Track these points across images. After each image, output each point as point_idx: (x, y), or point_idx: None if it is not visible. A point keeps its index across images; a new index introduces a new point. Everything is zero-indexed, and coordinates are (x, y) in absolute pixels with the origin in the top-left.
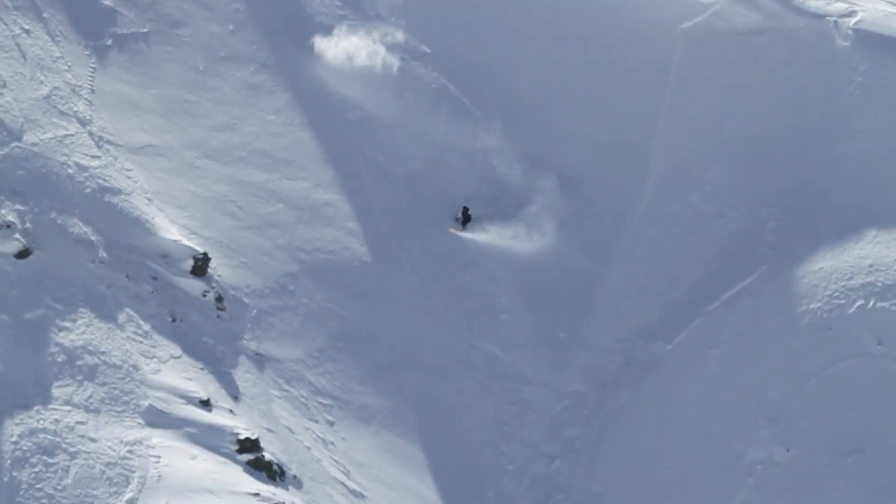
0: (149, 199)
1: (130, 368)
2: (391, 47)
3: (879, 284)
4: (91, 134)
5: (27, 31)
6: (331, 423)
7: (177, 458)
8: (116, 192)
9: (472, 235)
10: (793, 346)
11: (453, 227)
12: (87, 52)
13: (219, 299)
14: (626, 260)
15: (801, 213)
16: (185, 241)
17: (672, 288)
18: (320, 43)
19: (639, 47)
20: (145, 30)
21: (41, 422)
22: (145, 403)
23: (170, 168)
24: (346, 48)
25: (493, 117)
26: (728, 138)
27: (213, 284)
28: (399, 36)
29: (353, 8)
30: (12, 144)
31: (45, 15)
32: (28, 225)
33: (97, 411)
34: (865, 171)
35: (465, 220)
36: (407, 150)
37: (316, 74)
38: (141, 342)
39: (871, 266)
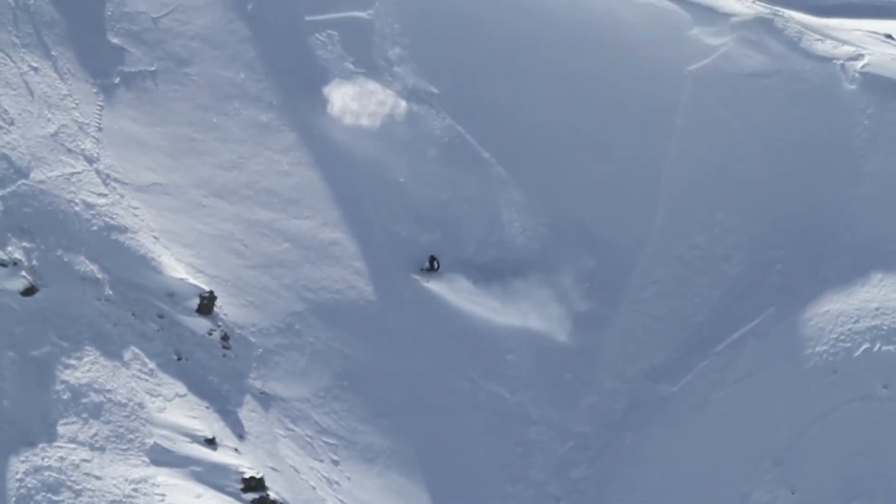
0: (155, 238)
1: (136, 406)
2: (399, 91)
3: (885, 328)
4: (98, 172)
5: (35, 69)
6: (336, 463)
7: (182, 496)
8: (123, 230)
9: (433, 286)
10: (798, 388)
11: (416, 274)
12: (94, 90)
13: (224, 338)
14: (632, 301)
15: (807, 256)
16: (192, 280)
17: (678, 330)
18: (327, 90)
19: (646, 88)
20: (153, 68)
21: (46, 459)
22: (150, 441)
23: (176, 206)
24: (353, 95)
25: (500, 158)
26: (735, 180)
27: (219, 323)
28: (407, 79)
29: (359, 54)
30: (19, 182)
31: (53, 53)
32: (34, 262)
33: (102, 449)
34: (872, 213)
35: (430, 268)
36: (414, 192)
37: (323, 118)
38: (146, 380)
39: (877, 309)
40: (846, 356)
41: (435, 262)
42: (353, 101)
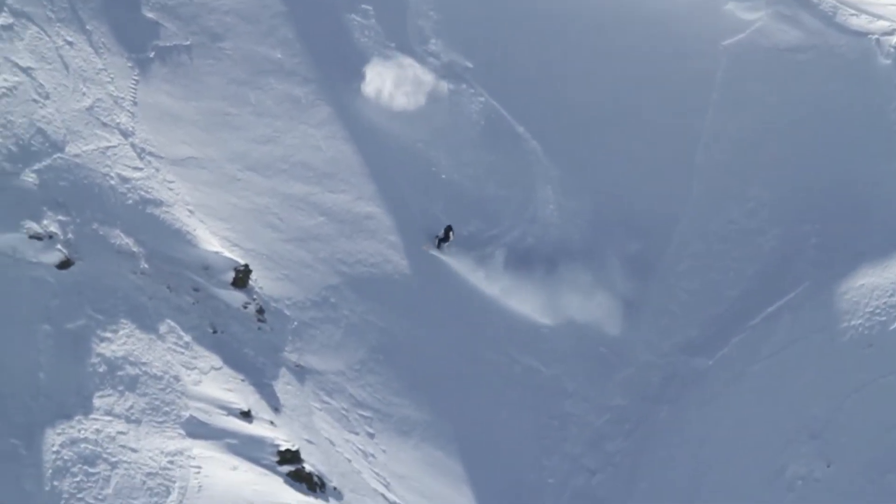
0: (190, 211)
1: (171, 379)
2: (433, 67)
3: None
4: (133, 146)
5: (70, 43)
6: (371, 436)
7: (217, 468)
8: (158, 203)
9: (444, 257)
10: (834, 362)
11: (427, 245)
12: (129, 65)
13: (260, 311)
14: (668, 276)
15: (842, 230)
16: (227, 253)
17: (713, 304)
18: (362, 66)
19: (682, 63)
20: (188, 42)
21: (82, 432)
22: (186, 414)
23: (211, 180)
24: (388, 71)
25: (535, 134)
26: (770, 155)
27: (255, 296)
28: (441, 54)
29: (393, 29)
30: (55, 155)
31: (88, 27)
32: (70, 236)
33: (138, 422)
34: None
35: (444, 238)
36: (449, 166)
37: (358, 94)
38: (182, 353)
39: None
40: (881, 330)
41: (450, 233)
42: (387, 77)
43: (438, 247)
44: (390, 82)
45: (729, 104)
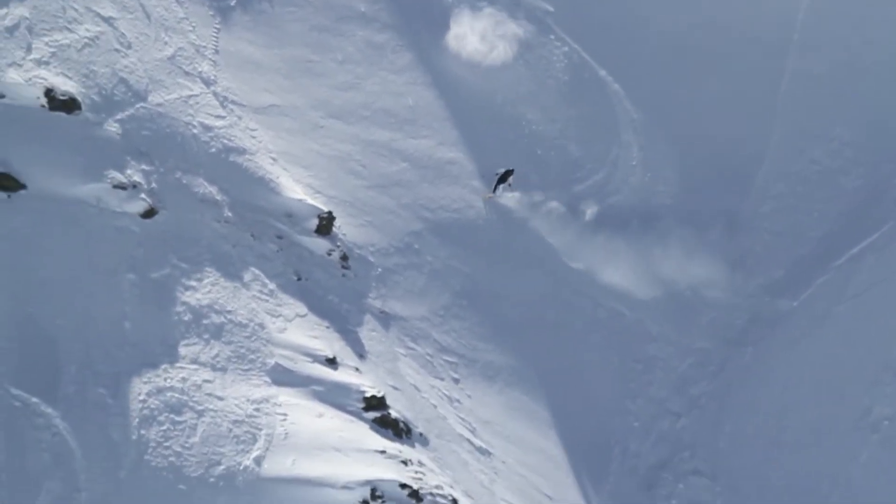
0: (273, 159)
1: (256, 327)
2: (513, 10)
3: None
4: (215, 94)
5: None
6: (456, 381)
7: (303, 415)
8: (241, 151)
9: (501, 200)
10: None
11: (487, 193)
12: (210, 13)
13: (343, 258)
14: (751, 217)
15: None
16: (310, 201)
17: (797, 245)
18: (444, 12)
19: (763, 4)
20: None
21: (168, 380)
22: (272, 362)
23: (294, 128)
24: (474, 21)
25: (617, 76)
26: (852, 95)
27: (338, 243)
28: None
29: None
30: (137, 105)
31: None
32: (154, 185)
33: (224, 370)
34: None
35: (502, 179)
36: (529, 111)
37: (440, 39)
38: (266, 301)
39: None
40: None
41: (510, 176)
42: (471, 26)
43: (494, 190)
44: (474, 32)
45: (810, 44)
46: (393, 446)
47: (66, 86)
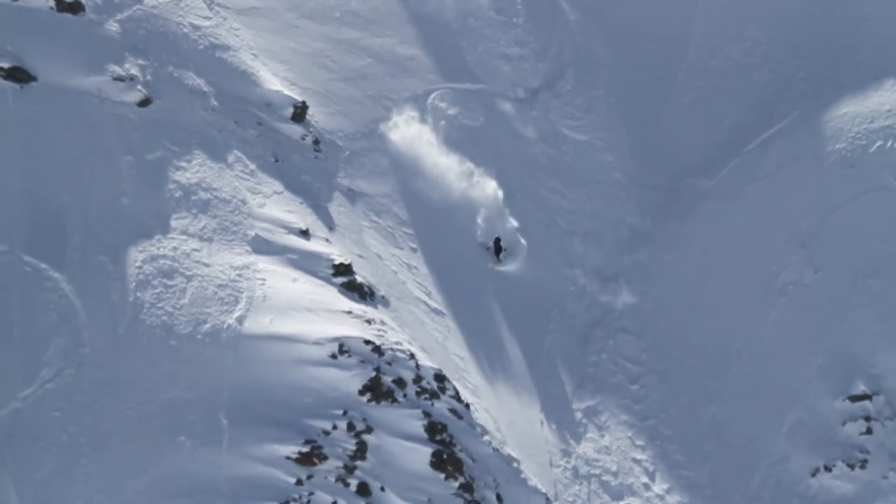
0: (254, 55)
1: (239, 202)
2: None
3: None
4: None
5: None
6: (414, 250)
7: (280, 280)
8: (226, 48)
9: (506, 266)
10: (821, 181)
11: (494, 264)
12: None
13: (316, 142)
14: (674, 108)
15: (827, 65)
16: (286, 92)
17: (714, 131)
18: None
19: None
20: None
21: (161, 249)
22: (252, 233)
23: (272, 27)
24: None
25: None
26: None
27: (311, 129)
28: None
29: None
30: (135, 7)
31: None
32: (148, 77)
33: (210, 240)
34: (882, 30)
35: (497, 251)
36: (477, 22)
37: None
38: (248, 180)
39: (889, 111)
40: (862, 152)
41: (500, 244)
42: None
43: (498, 258)
44: None
45: None
46: (358, 307)
47: None
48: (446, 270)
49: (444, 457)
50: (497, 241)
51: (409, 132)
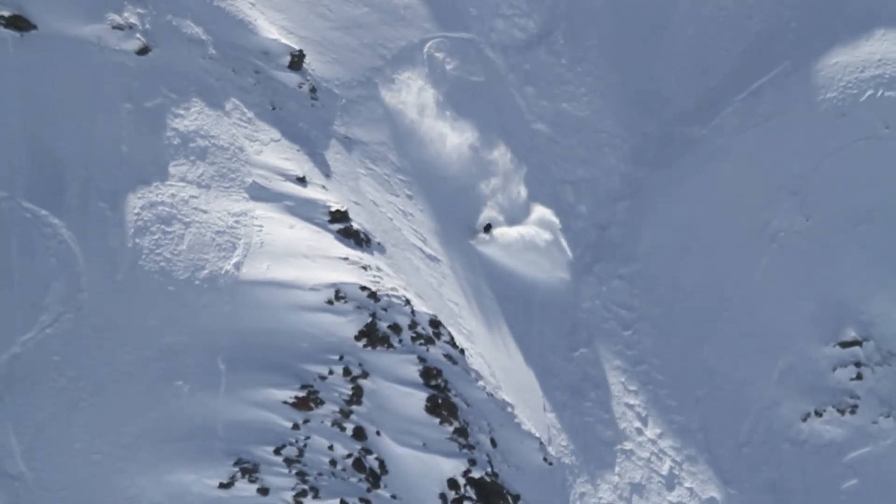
0: (252, 4)
1: (236, 150)
2: None
3: (887, 76)
4: None
5: None
6: (410, 197)
7: (277, 227)
8: None
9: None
10: (811, 129)
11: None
12: None
13: (312, 90)
14: (668, 55)
15: (819, 15)
16: (283, 40)
17: (706, 79)
18: None
19: None
20: None
21: (160, 196)
22: (249, 180)
23: None
24: None
25: None
26: None
27: (308, 77)
28: None
29: None
30: None
31: None
32: (147, 26)
33: (208, 187)
34: None
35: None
36: None
37: None
38: (245, 127)
39: (879, 60)
40: (853, 101)
41: (490, 228)
42: None
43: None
44: None
45: None
46: (354, 254)
47: None
48: (442, 218)
49: (439, 402)
50: (489, 226)
51: (409, 97)
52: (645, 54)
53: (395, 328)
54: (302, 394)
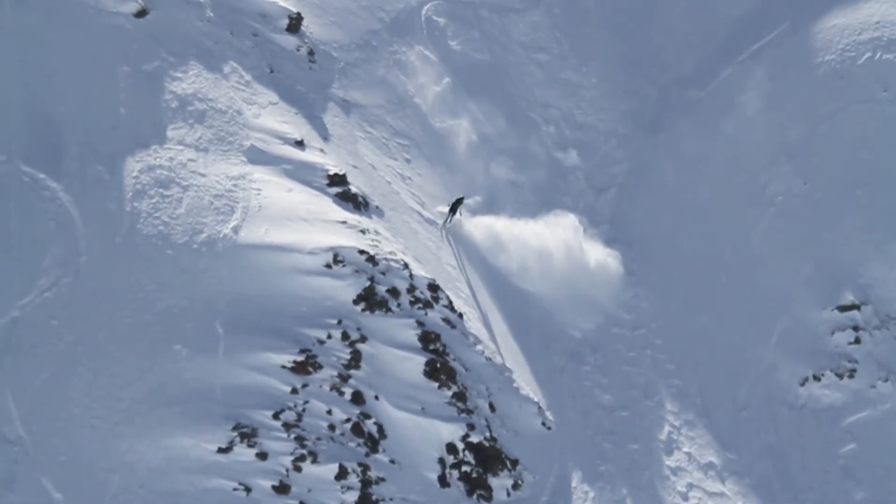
0: None
1: (235, 113)
2: None
3: (885, 39)
4: None
5: None
6: (408, 161)
7: (275, 190)
8: None
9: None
10: (810, 92)
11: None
12: None
13: (310, 53)
14: (666, 18)
15: None
16: (282, 3)
17: (705, 42)
18: None
19: None
20: None
21: (158, 159)
22: (247, 143)
23: None
24: None
25: None
26: None
27: (306, 40)
28: None
29: None
30: None
31: None
32: None
33: (206, 150)
34: None
35: (452, 211)
36: None
37: None
38: (243, 90)
39: (878, 23)
40: (851, 64)
41: (459, 207)
42: None
43: (449, 220)
44: None
45: None
46: (353, 217)
47: None
48: (441, 183)
49: (438, 366)
50: (458, 201)
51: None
52: (643, 17)
53: (394, 292)
54: (300, 358)
